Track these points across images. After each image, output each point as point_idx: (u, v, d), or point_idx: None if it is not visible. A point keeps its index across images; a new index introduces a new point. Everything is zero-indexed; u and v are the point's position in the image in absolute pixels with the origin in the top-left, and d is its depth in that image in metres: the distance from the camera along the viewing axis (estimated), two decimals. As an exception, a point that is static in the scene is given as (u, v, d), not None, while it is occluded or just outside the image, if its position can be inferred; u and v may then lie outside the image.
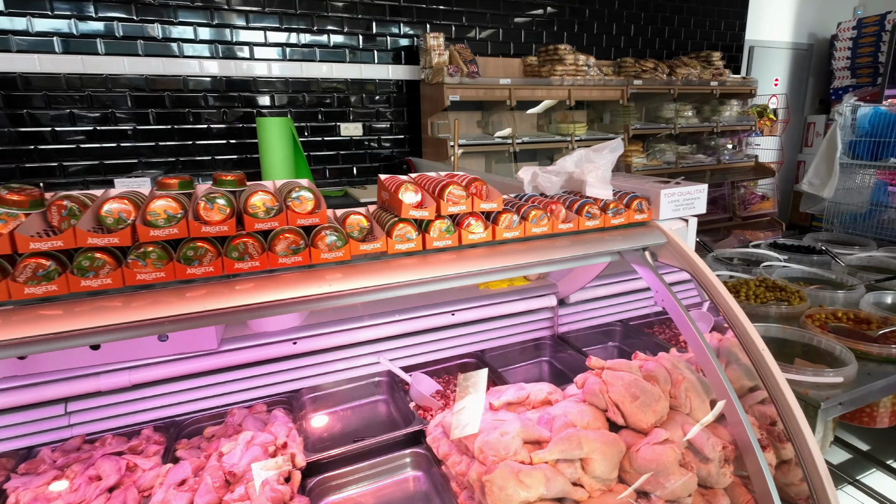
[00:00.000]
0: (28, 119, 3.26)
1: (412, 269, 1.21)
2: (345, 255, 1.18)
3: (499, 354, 2.07)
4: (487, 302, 2.00)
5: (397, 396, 1.80)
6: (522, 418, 1.29)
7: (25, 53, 3.16)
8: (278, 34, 3.82)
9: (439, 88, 3.88)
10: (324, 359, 1.75)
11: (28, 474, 1.30)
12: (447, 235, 1.28)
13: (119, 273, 1.00)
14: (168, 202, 1.07)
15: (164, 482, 1.21)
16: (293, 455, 1.32)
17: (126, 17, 3.36)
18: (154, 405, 1.55)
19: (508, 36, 4.72)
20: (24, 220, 1.01)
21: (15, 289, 0.93)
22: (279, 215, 1.15)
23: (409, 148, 4.54)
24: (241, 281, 1.08)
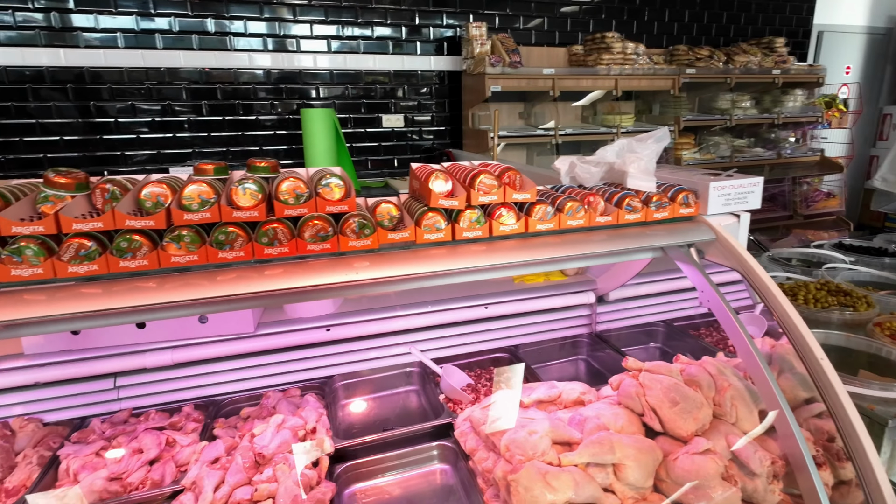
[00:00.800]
0: (95, 111, 3.47)
1: (440, 259, 1.19)
2: (373, 243, 1.17)
3: (533, 350, 2.02)
4: (522, 296, 1.96)
5: (428, 388, 1.79)
6: (552, 418, 1.24)
7: (93, 49, 3.36)
8: (325, 27, 3.88)
9: (481, 79, 3.82)
10: (356, 346, 1.77)
11: (79, 443, 1.38)
12: (477, 226, 1.25)
13: (155, 255, 1.03)
14: (202, 187, 1.09)
15: (199, 459, 1.25)
16: (322, 440, 1.33)
17: (183, 12, 3.50)
18: (194, 384, 1.61)
19: (554, 25, 4.59)
20: (69, 201, 1.05)
21: (60, 267, 0.98)
22: (308, 202, 1.15)
23: (450, 139, 4.52)
24: (270, 266, 1.09)
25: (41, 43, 3.28)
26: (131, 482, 1.24)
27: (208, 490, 1.14)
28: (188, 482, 1.21)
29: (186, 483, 1.21)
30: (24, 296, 0.94)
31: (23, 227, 0.96)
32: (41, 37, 3.27)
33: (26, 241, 0.97)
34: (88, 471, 1.25)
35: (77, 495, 1.16)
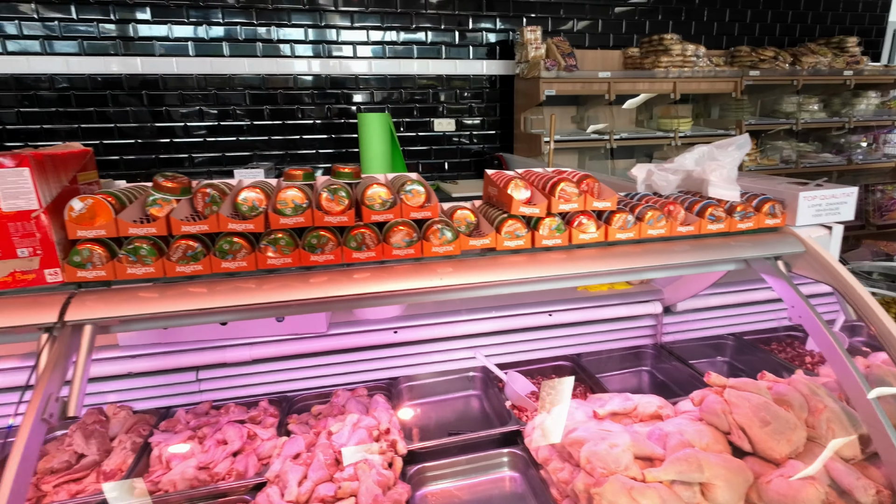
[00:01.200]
0: (165, 115, 3.67)
1: (521, 266, 1.19)
2: (455, 249, 1.18)
3: (595, 360, 1.99)
4: (586, 304, 1.93)
5: (491, 393, 1.79)
6: (631, 431, 1.22)
7: (165, 57, 3.56)
8: (377, 33, 3.96)
9: (534, 83, 3.80)
10: (421, 349, 1.79)
11: (167, 431, 1.47)
12: (557, 234, 1.24)
13: (253, 257, 1.08)
14: (295, 192, 1.14)
15: (281, 453, 1.30)
16: (395, 442, 1.36)
17: (246, 21, 3.65)
18: (269, 380, 1.67)
19: (608, 27, 4.51)
20: (175, 205, 1.12)
21: (169, 267, 1.04)
22: (393, 208, 1.18)
23: (500, 144, 4.51)
24: (358, 270, 1.12)
25: (120, 52, 3.50)
26: (218, 472, 1.30)
27: (293, 484, 1.18)
28: (271, 475, 1.25)
29: (270, 476, 1.25)
30: (138, 293, 1.01)
31: (138, 229, 1.03)
32: (120, 46, 3.49)
33: (140, 242, 1.03)
34: (179, 459, 1.32)
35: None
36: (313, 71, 3.88)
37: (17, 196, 0.95)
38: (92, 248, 1.01)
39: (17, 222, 0.96)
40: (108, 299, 0.99)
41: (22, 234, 0.96)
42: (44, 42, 3.40)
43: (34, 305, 0.96)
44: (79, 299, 0.98)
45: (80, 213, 1.01)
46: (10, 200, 0.94)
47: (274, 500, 1.16)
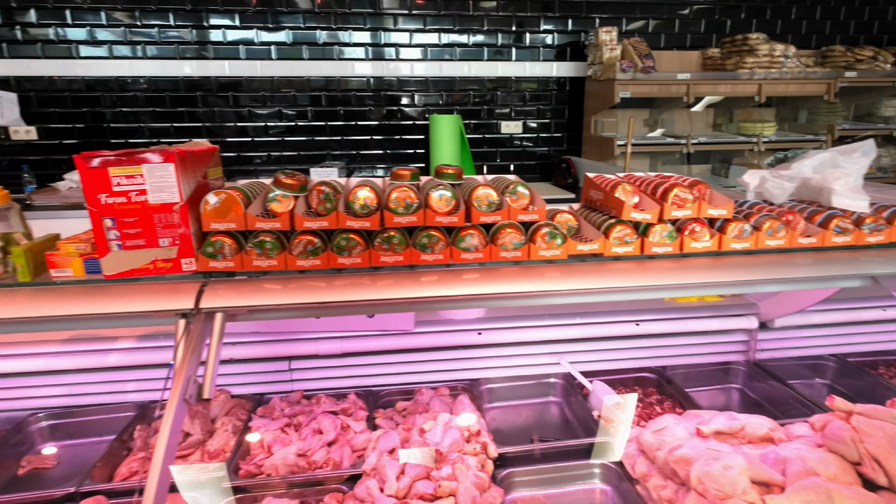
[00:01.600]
0: (247, 115, 3.86)
1: (630, 274, 1.15)
2: (562, 253, 1.16)
3: (681, 373, 1.90)
4: (674, 315, 1.85)
5: (573, 401, 1.75)
6: (745, 453, 1.15)
7: (249, 60, 3.75)
8: (447, 35, 3.99)
9: (608, 85, 3.70)
10: (504, 352, 1.78)
11: (265, 417, 1.53)
12: (668, 242, 1.20)
13: (367, 254, 1.11)
14: (407, 192, 1.15)
15: (376, 447, 1.33)
16: (486, 444, 1.35)
17: (325, 25, 3.79)
18: (356, 373, 1.72)
19: (685, 27, 4.32)
20: (293, 202, 1.16)
21: (290, 260, 1.08)
22: (501, 210, 1.17)
23: (567, 147, 4.43)
24: (467, 270, 1.13)
25: (211, 56, 3.71)
26: (315, 461, 1.35)
27: (391, 478, 1.20)
28: (368, 468, 1.28)
29: (366, 468, 1.28)
30: (263, 284, 1.06)
31: (264, 223, 1.08)
32: (211, 50, 3.71)
33: (266, 235, 1.08)
34: (280, 445, 1.38)
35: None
36: (383, 74, 3.96)
37: (162, 189, 1.02)
38: (223, 240, 1.07)
39: (161, 214, 1.03)
40: (238, 289, 1.04)
41: (164, 225, 1.03)
42: (144, 47, 3.66)
43: (173, 292, 1.03)
44: (211, 288, 1.04)
45: (215, 206, 1.07)
46: (156, 193, 1.01)
47: (374, 492, 1.19)
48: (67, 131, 3.78)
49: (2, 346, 1.60)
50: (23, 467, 1.51)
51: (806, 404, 1.64)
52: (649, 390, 1.85)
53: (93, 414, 1.65)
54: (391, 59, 3.95)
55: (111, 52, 3.65)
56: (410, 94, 4.06)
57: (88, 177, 0.98)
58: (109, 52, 3.65)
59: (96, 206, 1.00)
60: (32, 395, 1.64)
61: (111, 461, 1.45)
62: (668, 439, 1.26)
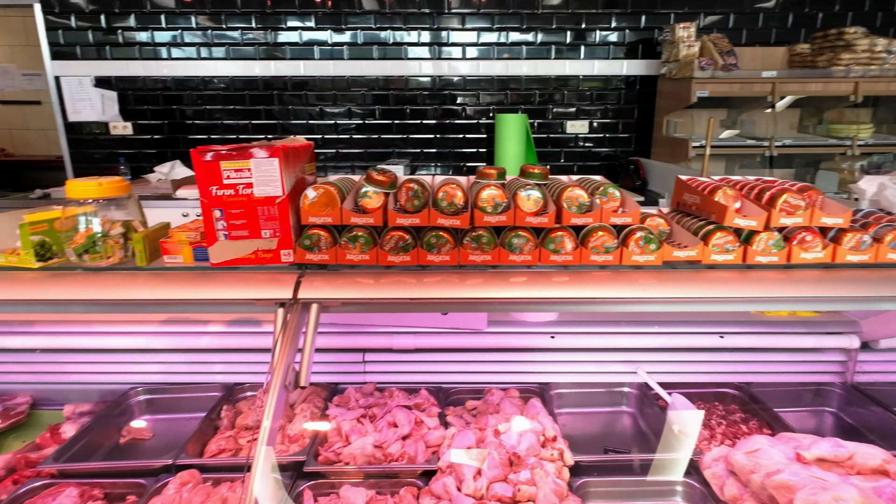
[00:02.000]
0: (318, 113, 4.01)
1: (732, 284, 1.09)
2: (657, 259, 1.12)
3: (768, 392, 1.78)
4: (763, 329, 1.74)
5: (647, 413, 1.68)
6: (856, 485, 1.06)
7: (322, 60, 3.88)
8: (515, 34, 3.95)
9: (685, 84, 3.53)
10: (576, 357, 1.74)
11: (341, 406, 1.58)
12: (774, 251, 1.12)
13: (456, 252, 1.11)
14: (495, 191, 1.15)
15: (451, 445, 1.33)
16: (562, 451, 1.33)
17: (392, 25, 3.86)
18: (427, 369, 1.73)
19: (769, 21, 4.05)
20: (383, 198, 1.19)
21: (381, 256, 1.11)
22: (592, 212, 1.14)
23: (634, 147, 4.27)
24: (557, 273, 1.11)
25: (287, 56, 3.88)
26: (391, 453, 1.37)
27: (469, 478, 1.20)
28: (444, 465, 1.29)
29: (442, 465, 1.29)
30: (356, 278, 1.09)
31: (358, 218, 1.11)
32: (287, 51, 3.88)
33: (359, 230, 1.11)
34: (357, 435, 1.42)
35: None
36: (446, 73, 3.99)
37: (266, 183, 1.07)
38: (319, 234, 1.11)
39: (265, 206, 1.08)
40: (332, 281, 1.08)
41: (267, 218, 1.08)
42: (227, 48, 3.88)
43: (272, 282, 1.08)
44: (307, 279, 1.08)
45: (313, 201, 1.11)
46: (261, 187, 1.06)
47: (451, 490, 1.19)
48: (157, 127, 4.07)
49: (109, 323, 1.74)
50: (124, 437, 1.64)
51: (917, 435, 1.49)
52: (732, 407, 1.74)
53: (184, 392, 1.77)
54: (455, 58, 3.96)
55: (198, 54, 3.89)
56: (474, 93, 4.06)
57: (202, 170, 1.05)
58: (196, 54, 3.90)
59: (208, 197, 1.06)
60: (133, 370, 1.77)
61: (201, 438, 1.55)
62: (763, 462, 1.18)
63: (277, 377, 0.96)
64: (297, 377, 1.00)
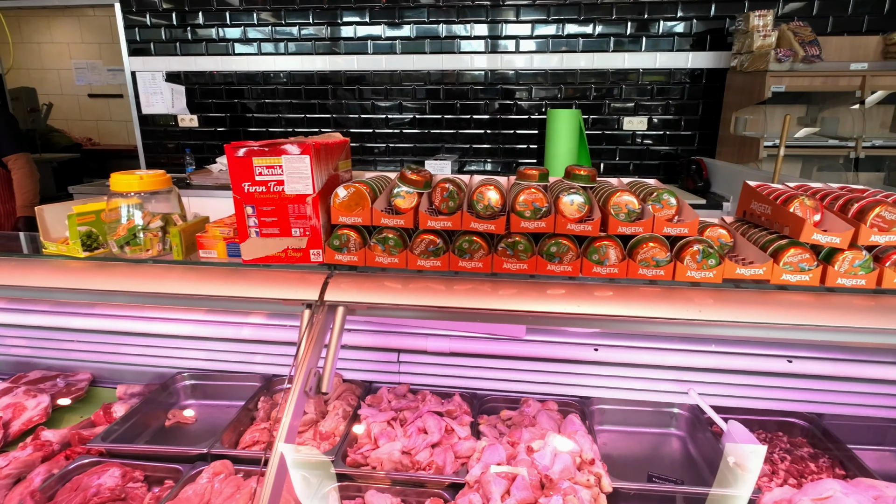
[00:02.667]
0: (370, 107, 4.03)
1: (805, 309, 0.95)
2: (716, 276, 0.99)
3: (842, 425, 1.58)
4: (839, 356, 1.54)
5: (699, 438, 1.54)
6: (951, 549, 0.90)
7: (375, 55, 3.90)
8: (572, 26, 3.78)
9: (758, 77, 3.24)
10: (620, 372, 1.62)
11: (373, 407, 1.56)
12: (861, 273, 0.97)
13: (489, 259, 1.04)
14: (536, 194, 1.06)
15: (481, 459, 1.27)
16: (600, 476, 1.23)
17: (446, 19, 3.80)
18: (462, 374, 1.67)
19: (860, 7, 3.63)
20: (416, 198, 1.14)
21: (411, 259, 1.06)
22: (643, 220, 1.04)
23: (697, 146, 3.99)
24: (599, 287, 1.01)
25: (342, 51, 3.92)
26: (419, 461, 1.33)
27: (496, 497, 1.14)
28: (471, 479, 1.23)
29: (470, 480, 1.23)
30: (384, 282, 1.05)
31: (389, 220, 1.06)
32: (342, 46, 3.92)
33: (389, 232, 1.07)
34: (386, 438, 1.38)
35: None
36: (499, 67, 3.88)
37: (297, 181, 1.04)
38: (349, 234, 1.07)
39: (295, 204, 1.06)
40: (360, 284, 1.04)
41: (297, 216, 1.06)
42: (286, 44, 3.98)
43: (301, 282, 1.06)
44: (335, 281, 1.05)
45: (343, 200, 1.07)
46: (292, 184, 1.04)
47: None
48: (221, 120, 4.25)
49: (158, 309, 1.81)
50: (169, 420, 1.71)
51: None
52: (798, 440, 1.57)
53: (226, 380, 1.81)
54: (509, 51, 3.85)
55: (259, 49, 4.02)
56: (528, 87, 3.93)
57: (235, 165, 1.04)
58: (258, 49, 4.02)
59: (240, 193, 1.05)
60: (180, 355, 1.84)
61: (237, 427, 1.57)
62: (833, 511, 1.03)
63: (298, 381, 0.93)
64: (319, 382, 0.98)
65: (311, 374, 0.96)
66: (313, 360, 0.97)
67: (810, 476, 1.38)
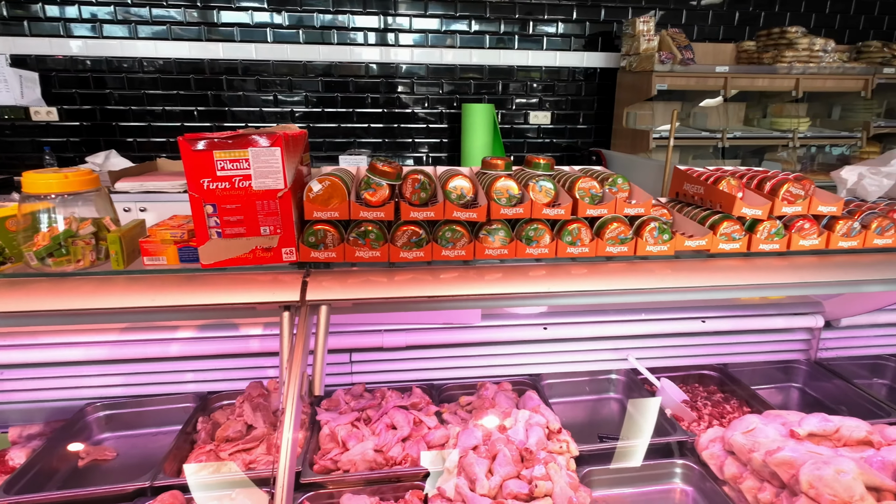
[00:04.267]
0: (273, 100, 3.78)
1: (739, 272, 1.11)
2: (669, 249, 1.12)
3: (743, 371, 1.87)
4: (740, 313, 1.82)
5: (636, 398, 1.72)
6: (851, 457, 1.12)
7: (279, 44, 3.66)
8: (477, 23, 3.90)
9: (645, 77, 3.63)
10: (567, 347, 1.74)
11: (331, 411, 1.49)
12: (776, 239, 1.16)
13: (472, 246, 1.06)
14: (509, 182, 1.11)
15: (457, 444, 1.29)
16: (567, 442, 1.32)
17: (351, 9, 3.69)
18: (417, 367, 1.68)
19: (719, 18, 4.25)
20: (388, 190, 1.11)
21: (393, 252, 1.04)
22: (606, 203, 1.13)
23: (595, 138, 4.37)
24: (574, 266, 1.08)
25: (237, 39, 3.62)
26: (393, 456, 1.31)
27: (482, 477, 1.17)
28: (451, 465, 1.25)
29: (449, 466, 1.25)
30: (369, 277, 1.01)
31: (368, 213, 1.03)
32: (237, 33, 3.61)
33: (370, 225, 1.03)
34: (355, 440, 1.34)
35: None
36: (411, 61, 3.88)
37: (266, 175, 0.96)
38: (325, 229, 1.02)
39: (264, 200, 0.98)
40: (343, 281, 1.00)
41: (266, 213, 0.98)
42: (171, 27, 3.56)
43: (274, 283, 0.98)
44: (314, 279, 1.00)
45: (318, 194, 1.02)
46: (260, 179, 0.96)
47: (464, 491, 1.15)
48: (88, 113, 3.69)
49: (58, 333, 1.55)
50: (83, 459, 1.47)
51: (879, 405, 1.61)
52: (712, 388, 1.82)
53: (151, 405, 1.61)
54: (419, 45, 3.86)
55: (135, 32, 3.55)
56: (439, 82, 3.98)
57: (192, 160, 0.93)
58: (133, 32, 3.55)
59: (198, 191, 0.94)
60: (89, 384, 1.59)
61: (178, 454, 1.41)
62: (761, 441, 1.23)
63: (293, 387, 0.87)
64: (311, 385, 0.92)
65: (303, 377, 0.90)
66: (303, 363, 0.91)
67: (728, 416, 1.62)
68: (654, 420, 1.59)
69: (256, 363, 1.65)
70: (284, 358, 0.93)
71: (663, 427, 1.53)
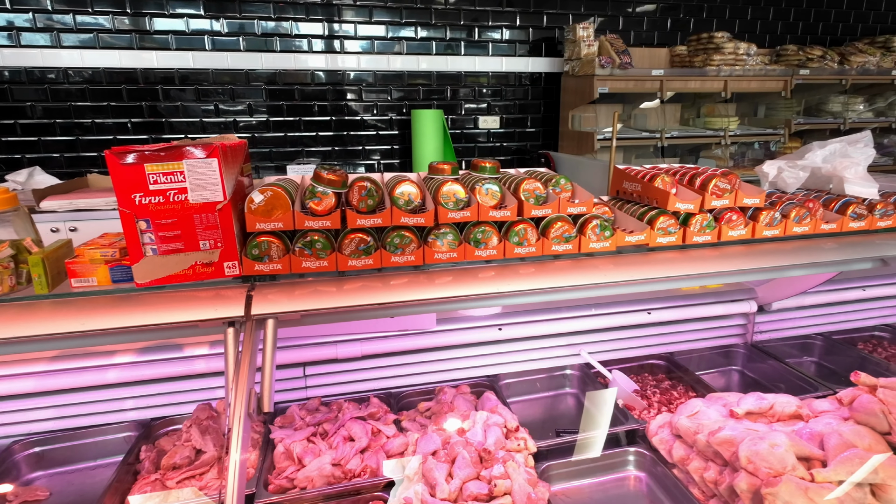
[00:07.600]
0: (215, 110, 3.65)
1: (676, 263, 1.17)
2: (612, 245, 1.16)
3: (687, 358, 1.97)
4: (681, 303, 1.91)
5: (590, 391, 1.77)
6: (782, 431, 1.20)
7: (218, 52, 3.54)
8: (424, 30, 3.93)
9: (587, 80, 3.77)
10: (522, 346, 1.77)
11: (286, 427, 1.45)
12: (707, 231, 1.23)
13: (421, 251, 1.06)
14: (457, 186, 1.12)
15: (416, 451, 1.28)
16: (525, 440, 1.34)
17: (294, 16, 3.63)
18: (374, 376, 1.66)
19: (653, 24, 4.48)
20: (333, 198, 1.10)
21: (342, 260, 1.02)
22: (550, 203, 1.16)
23: (542, 141, 4.49)
24: (522, 265, 1.11)
25: (173, 46, 3.47)
26: (351, 469, 1.29)
27: (441, 481, 1.17)
28: (411, 472, 1.24)
29: (409, 473, 1.24)
30: (317, 287, 0.99)
31: (314, 222, 1.01)
32: (173, 41, 3.47)
33: (316, 235, 1.02)
34: (311, 455, 1.31)
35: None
36: (361, 67, 3.86)
37: (204, 187, 0.93)
38: (269, 241, 0.99)
39: (202, 214, 0.94)
40: (289, 293, 0.97)
41: (205, 227, 0.95)
42: (97, 35, 3.37)
43: (217, 299, 0.95)
44: (259, 292, 0.97)
45: (260, 205, 0.99)
46: (197, 192, 0.93)
47: (425, 497, 1.15)
48: (8, 127, 3.42)
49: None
50: (10, 501, 1.36)
51: (808, 381, 1.74)
52: (660, 376, 1.90)
53: (87, 437, 1.51)
54: (365, 52, 3.84)
55: (57, 41, 3.33)
56: (387, 88, 3.97)
57: (120, 175, 0.88)
58: (55, 41, 3.33)
59: (130, 206, 0.90)
60: (9, 421, 1.47)
61: (119, 487, 1.33)
62: (704, 422, 1.29)
63: (239, 405, 0.84)
64: (260, 402, 0.89)
65: (251, 395, 0.87)
66: (250, 380, 0.88)
67: (676, 402, 1.70)
68: (609, 411, 1.64)
69: (204, 384, 1.58)
70: (230, 376, 0.89)
71: (616, 417, 1.58)
